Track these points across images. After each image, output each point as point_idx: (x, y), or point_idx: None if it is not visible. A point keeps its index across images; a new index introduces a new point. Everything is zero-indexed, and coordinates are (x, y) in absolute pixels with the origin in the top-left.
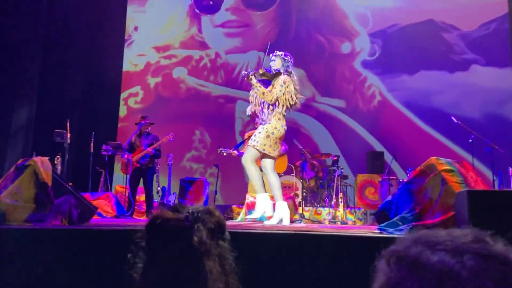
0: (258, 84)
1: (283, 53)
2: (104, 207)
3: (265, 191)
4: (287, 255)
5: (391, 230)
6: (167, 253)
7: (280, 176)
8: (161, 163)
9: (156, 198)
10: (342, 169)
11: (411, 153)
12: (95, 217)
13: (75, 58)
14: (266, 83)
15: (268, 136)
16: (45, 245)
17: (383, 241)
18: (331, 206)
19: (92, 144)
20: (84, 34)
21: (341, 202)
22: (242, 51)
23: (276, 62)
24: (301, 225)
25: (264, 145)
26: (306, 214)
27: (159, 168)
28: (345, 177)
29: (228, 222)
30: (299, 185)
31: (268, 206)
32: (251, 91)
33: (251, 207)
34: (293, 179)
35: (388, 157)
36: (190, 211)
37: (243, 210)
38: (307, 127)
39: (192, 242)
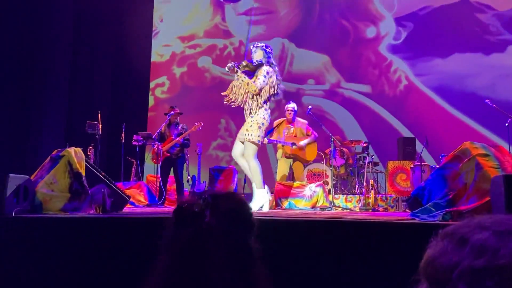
0: (243, 75)
1: (264, 45)
2: (136, 196)
3: (265, 187)
4: (319, 243)
5: (423, 216)
6: (181, 237)
7: (309, 163)
8: (191, 152)
9: (187, 187)
10: (372, 156)
11: (441, 139)
12: (128, 206)
13: (104, 51)
14: (249, 74)
15: (260, 128)
16: (80, 233)
17: (415, 227)
18: (361, 193)
19: (123, 135)
20: (112, 27)
21: (371, 189)
22: (266, 38)
23: (258, 53)
24: (332, 212)
25: (258, 136)
26: (336, 202)
27: (188, 157)
28: (376, 164)
29: (256, 211)
30: (329, 173)
31: (266, 202)
32: (233, 82)
33: (281, 194)
34: (322, 167)
35: (417, 143)
36: (205, 196)
37: (272, 198)
38: (332, 113)
39: (201, 228)
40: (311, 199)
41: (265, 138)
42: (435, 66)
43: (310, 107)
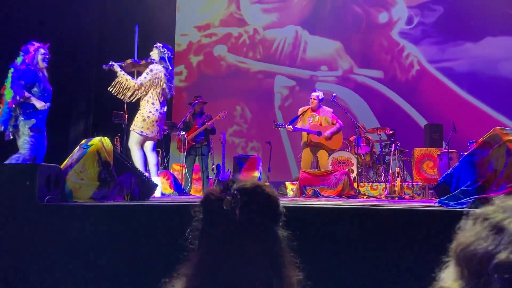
0: (122, 72)
1: (161, 45)
2: (163, 184)
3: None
4: (345, 230)
5: (452, 203)
6: (213, 232)
7: (334, 151)
8: (215, 141)
9: (211, 176)
10: (398, 143)
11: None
12: (155, 194)
13: (129, 42)
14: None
15: (144, 120)
16: (110, 220)
17: (444, 215)
18: (387, 181)
19: None
20: (136, 18)
21: (397, 176)
22: (279, 26)
23: (153, 52)
24: (357, 200)
25: (141, 127)
26: (362, 190)
27: (213, 146)
28: (402, 151)
29: (282, 198)
30: (354, 161)
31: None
32: (116, 79)
33: (305, 182)
34: (347, 155)
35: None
36: (235, 187)
37: (297, 186)
38: (345, 99)
39: (233, 220)
40: (336, 187)
41: (290, 126)
42: (466, 50)
43: (334, 94)
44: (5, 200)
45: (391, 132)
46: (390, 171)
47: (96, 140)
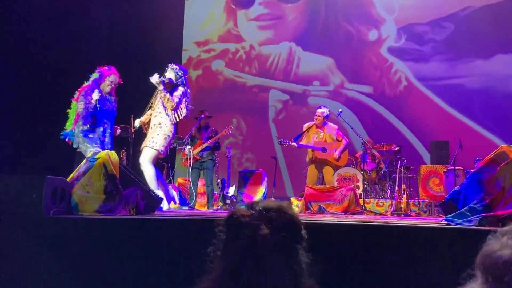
0: (165, 91)
1: (177, 67)
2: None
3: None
4: (351, 247)
5: (458, 221)
6: (234, 249)
7: (340, 168)
8: (220, 156)
9: (216, 190)
10: (404, 159)
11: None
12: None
13: (136, 57)
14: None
15: (165, 138)
16: (115, 234)
17: (451, 232)
18: (393, 197)
19: None
20: (144, 35)
21: (404, 193)
22: (274, 42)
23: (169, 73)
24: (363, 217)
25: (162, 146)
26: (368, 206)
27: (218, 161)
28: (408, 168)
29: None
30: (360, 177)
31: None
32: (159, 93)
33: (311, 198)
34: (353, 171)
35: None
36: (258, 208)
37: (302, 202)
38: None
39: (255, 240)
40: (342, 203)
41: (294, 143)
42: (477, 67)
43: (340, 110)
44: (12, 212)
45: (397, 148)
46: (396, 187)
47: (102, 154)
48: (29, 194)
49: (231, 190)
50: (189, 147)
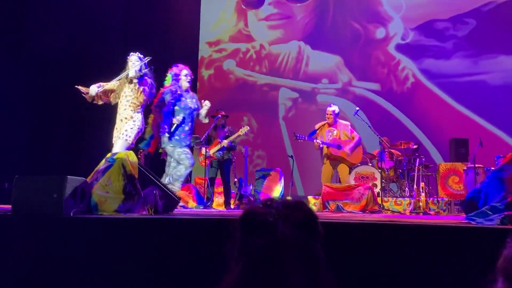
0: (139, 84)
1: (141, 58)
2: (185, 198)
3: None
4: (370, 246)
5: (479, 220)
6: (255, 244)
7: (357, 166)
8: (237, 155)
9: (233, 189)
10: (423, 157)
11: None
12: (178, 207)
13: (153, 59)
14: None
15: (138, 132)
16: (134, 233)
17: (472, 231)
18: (411, 196)
19: None
20: (160, 36)
21: (422, 191)
22: (283, 41)
23: (137, 66)
24: (381, 215)
25: (134, 139)
26: (386, 205)
27: (235, 160)
28: (427, 166)
29: None
30: (378, 175)
31: None
32: (126, 90)
33: (328, 197)
34: (371, 169)
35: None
36: (276, 205)
37: (319, 200)
38: (345, 110)
39: (275, 237)
40: (359, 201)
41: (317, 141)
42: (500, 63)
43: (357, 108)
44: (33, 212)
45: (415, 146)
46: (415, 186)
47: (121, 154)
48: (50, 194)
49: (248, 189)
50: (206, 146)
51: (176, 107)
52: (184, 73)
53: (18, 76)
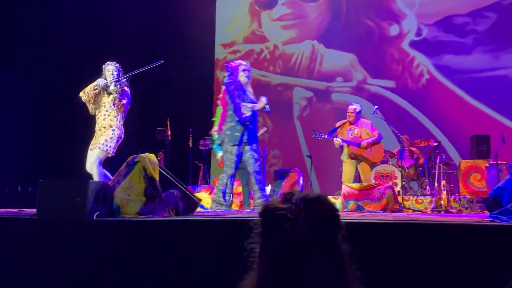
0: (119, 97)
1: (117, 67)
2: (205, 199)
3: None
4: (392, 245)
5: (504, 218)
6: (277, 241)
7: (376, 165)
8: None
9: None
10: (443, 155)
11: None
12: (198, 209)
13: (171, 62)
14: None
15: (117, 141)
16: (156, 235)
17: (496, 230)
18: (432, 194)
19: (190, 140)
20: (178, 38)
21: (444, 190)
22: (297, 41)
23: (110, 77)
24: (403, 214)
25: (114, 148)
26: (407, 204)
27: None
28: (447, 163)
29: None
30: (398, 174)
31: None
32: (110, 97)
33: (348, 197)
34: (390, 168)
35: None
36: (297, 200)
37: (340, 200)
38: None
39: (297, 232)
40: (380, 201)
41: (337, 139)
42: None
43: (376, 106)
44: (57, 216)
45: (436, 144)
46: (436, 184)
47: (142, 157)
48: (73, 198)
49: (267, 190)
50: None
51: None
52: (242, 68)
53: (39, 80)
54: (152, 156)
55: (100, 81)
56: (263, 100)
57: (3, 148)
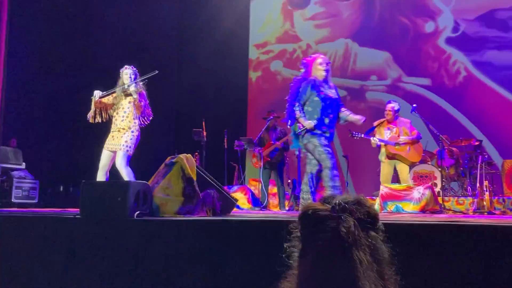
0: (138, 98)
1: (135, 71)
2: (241, 199)
3: None
4: (433, 248)
5: None
6: (317, 243)
7: (415, 165)
8: (290, 156)
9: (288, 190)
10: (485, 154)
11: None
12: (234, 209)
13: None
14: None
15: (136, 142)
16: (195, 235)
17: None
18: (474, 195)
19: (226, 141)
20: (213, 41)
21: (486, 190)
22: (330, 40)
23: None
24: (444, 216)
25: (133, 149)
26: (447, 205)
27: (288, 161)
28: (489, 163)
29: None
30: (437, 174)
31: None
32: (128, 99)
33: (386, 198)
34: (430, 168)
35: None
36: (338, 201)
37: (378, 201)
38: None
39: (339, 233)
40: (419, 202)
41: (374, 138)
42: None
43: (414, 105)
44: (100, 215)
45: (477, 143)
46: (478, 184)
47: (180, 157)
48: (114, 198)
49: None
50: (259, 148)
51: (315, 98)
52: (319, 62)
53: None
54: (189, 156)
55: (96, 93)
56: (310, 123)
57: (45, 149)
